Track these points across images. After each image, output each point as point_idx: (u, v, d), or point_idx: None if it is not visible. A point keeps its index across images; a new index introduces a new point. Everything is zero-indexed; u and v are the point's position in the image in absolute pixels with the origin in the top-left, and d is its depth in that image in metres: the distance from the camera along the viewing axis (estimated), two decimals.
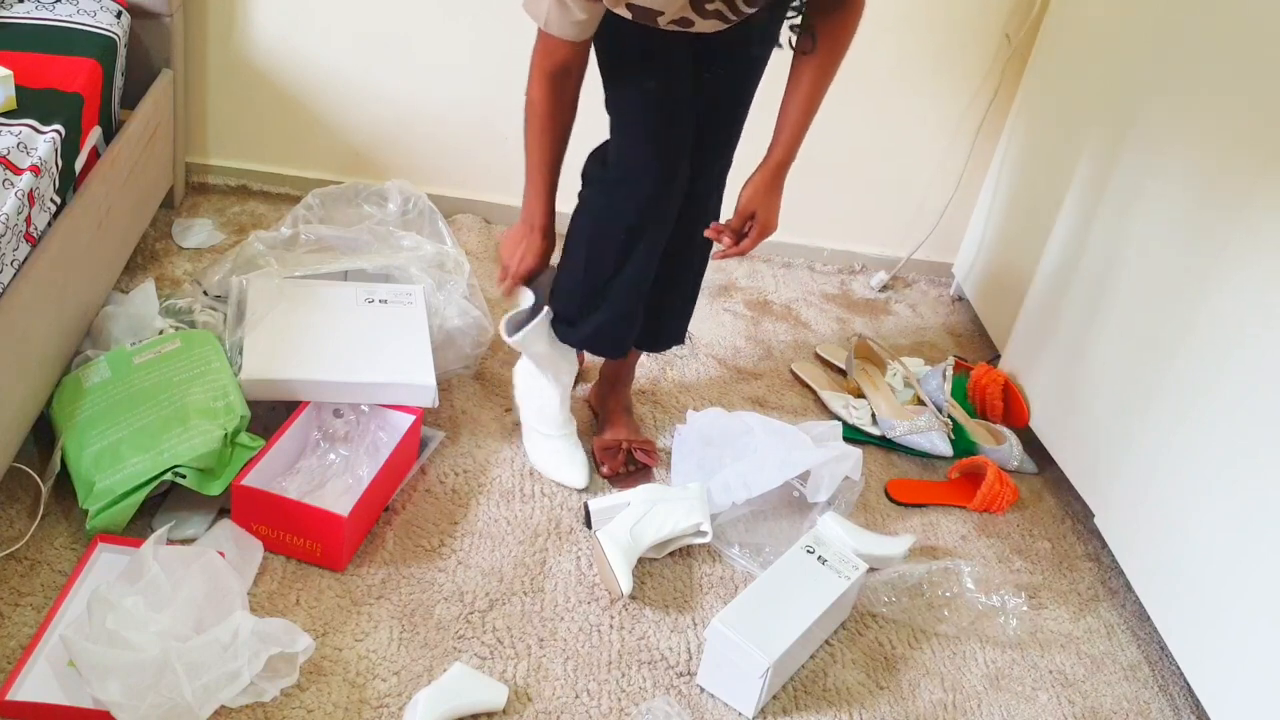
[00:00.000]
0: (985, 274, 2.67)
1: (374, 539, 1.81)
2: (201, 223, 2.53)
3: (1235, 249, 1.73)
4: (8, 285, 1.65)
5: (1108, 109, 2.16)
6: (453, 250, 2.30)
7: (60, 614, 1.55)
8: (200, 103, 2.62)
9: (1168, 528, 1.81)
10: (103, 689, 1.40)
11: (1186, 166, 1.88)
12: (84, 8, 2.18)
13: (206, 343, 1.91)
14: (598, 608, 1.77)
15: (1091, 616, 1.94)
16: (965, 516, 2.11)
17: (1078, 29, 2.39)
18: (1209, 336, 1.77)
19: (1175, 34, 1.98)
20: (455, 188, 2.69)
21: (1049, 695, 1.78)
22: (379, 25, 2.55)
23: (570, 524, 1.91)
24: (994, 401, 2.34)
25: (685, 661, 1.71)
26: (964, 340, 2.70)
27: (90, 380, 1.84)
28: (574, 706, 1.61)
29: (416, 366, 1.96)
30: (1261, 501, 1.61)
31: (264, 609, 1.65)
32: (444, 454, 2.00)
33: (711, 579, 1.86)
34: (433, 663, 1.63)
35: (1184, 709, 1.79)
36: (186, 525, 1.73)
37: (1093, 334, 2.09)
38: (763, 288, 2.74)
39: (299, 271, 2.15)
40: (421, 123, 2.66)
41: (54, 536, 1.70)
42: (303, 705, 1.53)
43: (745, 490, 1.92)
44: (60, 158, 1.83)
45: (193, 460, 1.70)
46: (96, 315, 2.02)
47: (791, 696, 1.69)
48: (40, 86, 1.91)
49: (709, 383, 2.34)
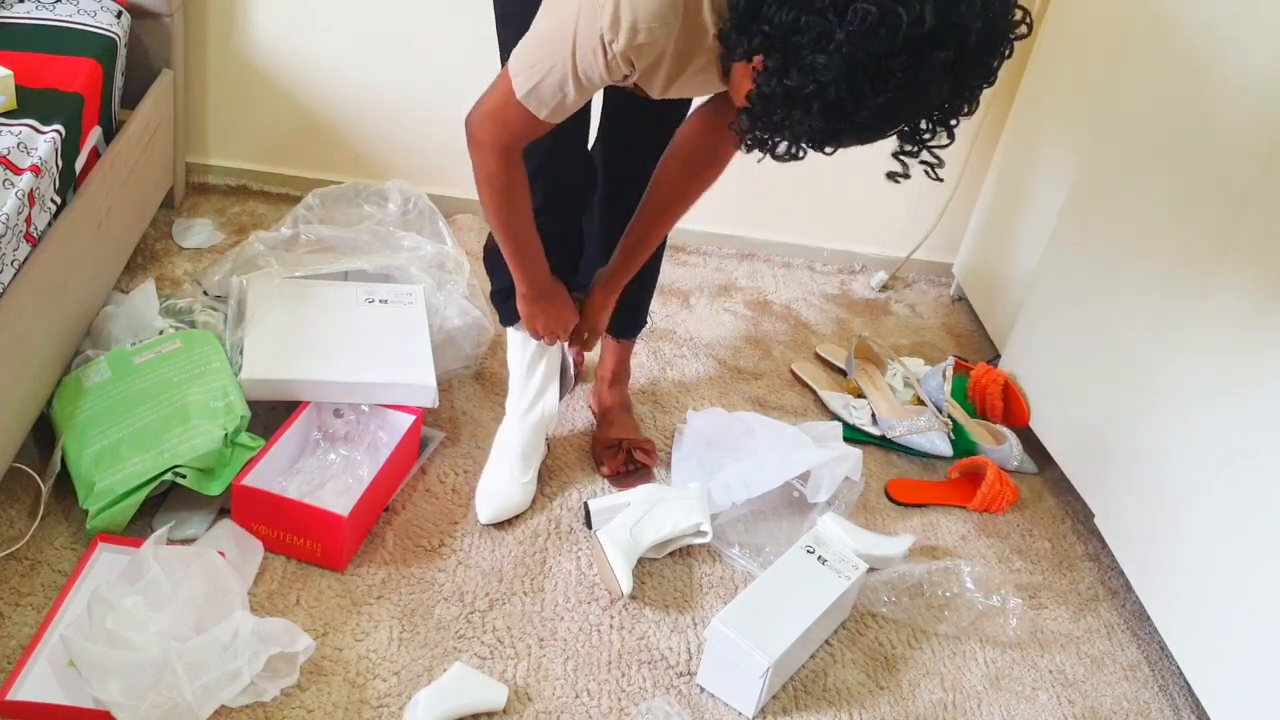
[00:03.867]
0: (985, 274, 2.67)
1: (374, 539, 1.81)
2: (201, 223, 2.53)
3: (1236, 247, 1.73)
4: (8, 285, 1.65)
5: (1107, 109, 2.16)
6: (453, 250, 2.30)
7: (60, 614, 1.55)
8: (200, 103, 2.62)
9: (1168, 528, 1.81)
10: (103, 689, 1.40)
11: (1186, 164, 1.88)
12: (84, 8, 2.18)
13: (207, 343, 1.91)
14: (598, 608, 1.77)
15: (1091, 616, 1.94)
16: (965, 516, 2.11)
17: (1078, 29, 2.39)
18: (1209, 335, 1.77)
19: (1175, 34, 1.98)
20: (455, 188, 2.69)
21: (1049, 695, 1.78)
22: (379, 25, 2.55)
23: (570, 524, 1.91)
24: (994, 401, 2.34)
25: (685, 661, 1.71)
26: (964, 340, 2.70)
27: (90, 380, 1.84)
28: (574, 706, 1.61)
29: (416, 366, 1.96)
30: (1261, 501, 1.61)
31: (264, 609, 1.65)
32: (444, 454, 2.00)
33: (711, 579, 1.86)
34: (433, 663, 1.63)
35: (1184, 709, 1.79)
36: (186, 525, 1.73)
37: (1092, 334, 2.09)
38: (763, 288, 2.74)
39: (299, 271, 2.15)
40: (421, 123, 2.66)
41: (54, 536, 1.70)
42: (303, 705, 1.53)
43: (745, 490, 1.92)
44: (60, 158, 1.83)
45: (193, 460, 1.70)
46: (96, 315, 2.03)
47: (791, 696, 1.69)
48: (40, 86, 1.91)
49: (709, 383, 2.34)
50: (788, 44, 1.16)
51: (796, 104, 1.18)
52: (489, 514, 1.87)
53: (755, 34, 1.20)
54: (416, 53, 2.58)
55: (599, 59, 1.38)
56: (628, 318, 2.07)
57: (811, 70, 1.14)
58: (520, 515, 1.91)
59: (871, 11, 1.09)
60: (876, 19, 1.09)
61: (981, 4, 1.13)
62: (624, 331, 2.10)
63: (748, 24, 1.21)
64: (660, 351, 2.41)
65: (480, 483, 1.93)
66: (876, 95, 1.14)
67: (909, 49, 1.11)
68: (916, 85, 1.14)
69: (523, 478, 1.92)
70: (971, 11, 1.12)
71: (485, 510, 1.87)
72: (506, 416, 1.98)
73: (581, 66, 1.40)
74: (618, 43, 1.35)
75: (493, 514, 1.87)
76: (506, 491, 1.90)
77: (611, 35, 1.35)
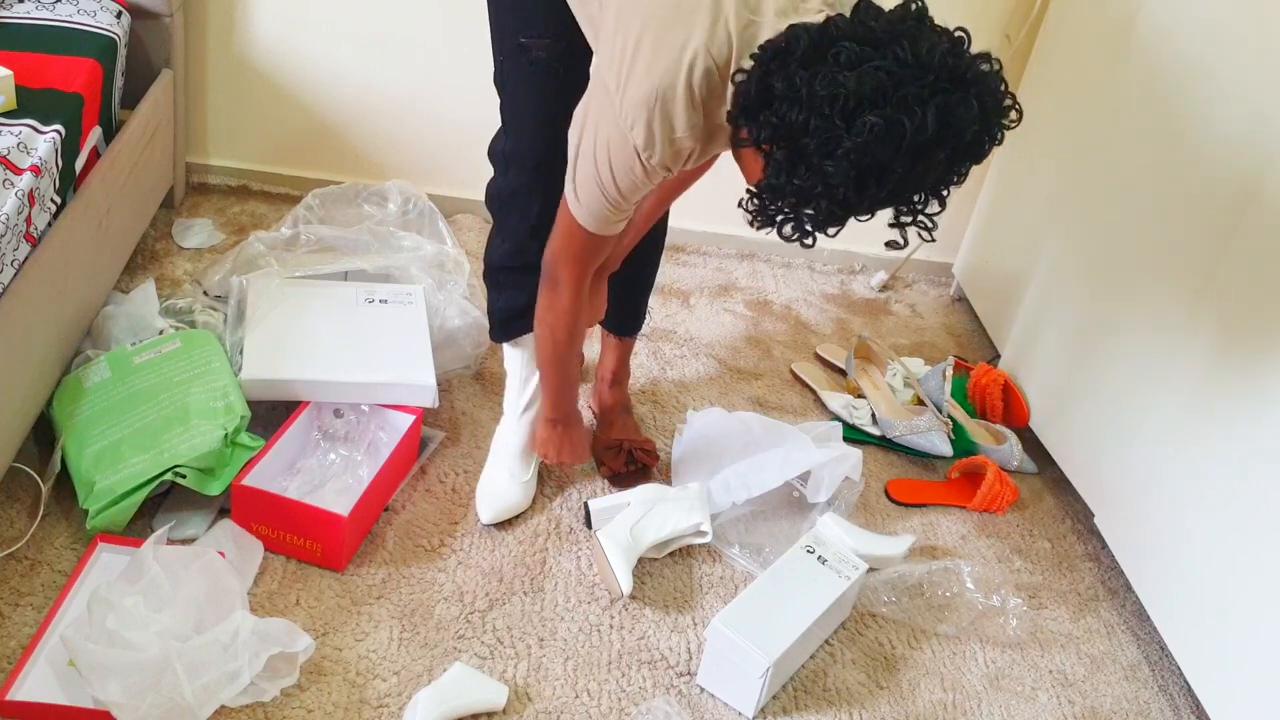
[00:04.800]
0: (985, 274, 2.68)
1: (374, 539, 1.81)
2: (201, 223, 2.53)
3: (1236, 246, 1.73)
4: (8, 285, 1.65)
5: (1107, 108, 2.16)
6: (453, 250, 2.30)
7: (60, 614, 1.55)
8: (200, 103, 2.62)
9: (1168, 528, 1.81)
10: (103, 689, 1.40)
11: (1187, 163, 1.88)
12: (84, 8, 2.18)
13: (207, 343, 1.91)
14: (598, 608, 1.77)
15: (1091, 616, 1.94)
16: (965, 516, 2.11)
17: (1078, 29, 2.39)
18: (1209, 335, 1.77)
19: (1172, 37, 1.98)
20: (455, 188, 2.69)
21: (1049, 695, 1.78)
22: (379, 25, 2.55)
23: (570, 524, 1.91)
24: (994, 401, 2.34)
25: (685, 661, 1.71)
26: (964, 340, 2.70)
27: (90, 380, 1.84)
28: (574, 706, 1.61)
29: (416, 366, 1.96)
30: (1262, 501, 1.61)
31: (264, 609, 1.65)
32: (444, 454, 2.00)
33: (711, 579, 1.86)
34: (433, 663, 1.63)
35: (1184, 709, 1.80)
36: (186, 525, 1.73)
37: (1092, 334, 2.09)
38: (763, 288, 2.74)
39: (299, 272, 2.15)
40: (421, 123, 2.66)
41: (54, 536, 1.70)
42: (303, 705, 1.53)
43: (745, 490, 1.92)
44: (60, 158, 1.83)
45: (193, 460, 1.70)
46: (96, 315, 2.03)
47: (791, 696, 1.69)
48: (40, 86, 1.91)
49: (709, 383, 2.34)
50: (796, 143, 1.22)
51: (804, 199, 1.25)
52: (490, 514, 1.87)
53: (765, 125, 1.25)
54: (416, 53, 2.58)
55: (638, 173, 1.44)
56: (627, 316, 2.07)
57: (820, 173, 1.21)
58: (520, 515, 1.91)
59: (879, 124, 1.16)
60: (883, 129, 1.16)
61: (978, 106, 1.19)
62: (624, 330, 2.10)
63: (757, 114, 1.26)
64: (660, 351, 2.41)
65: (480, 483, 1.93)
66: (879, 191, 1.21)
67: (910, 152, 1.18)
68: (914, 176, 1.22)
69: (523, 477, 1.92)
70: (969, 115, 1.19)
71: (486, 510, 1.87)
72: (505, 416, 1.98)
73: (625, 185, 1.47)
74: (655, 158, 1.42)
75: (493, 514, 1.87)
76: (507, 491, 1.90)
77: (648, 153, 1.41)
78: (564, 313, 1.65)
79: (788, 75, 1.22)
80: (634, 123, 1.38)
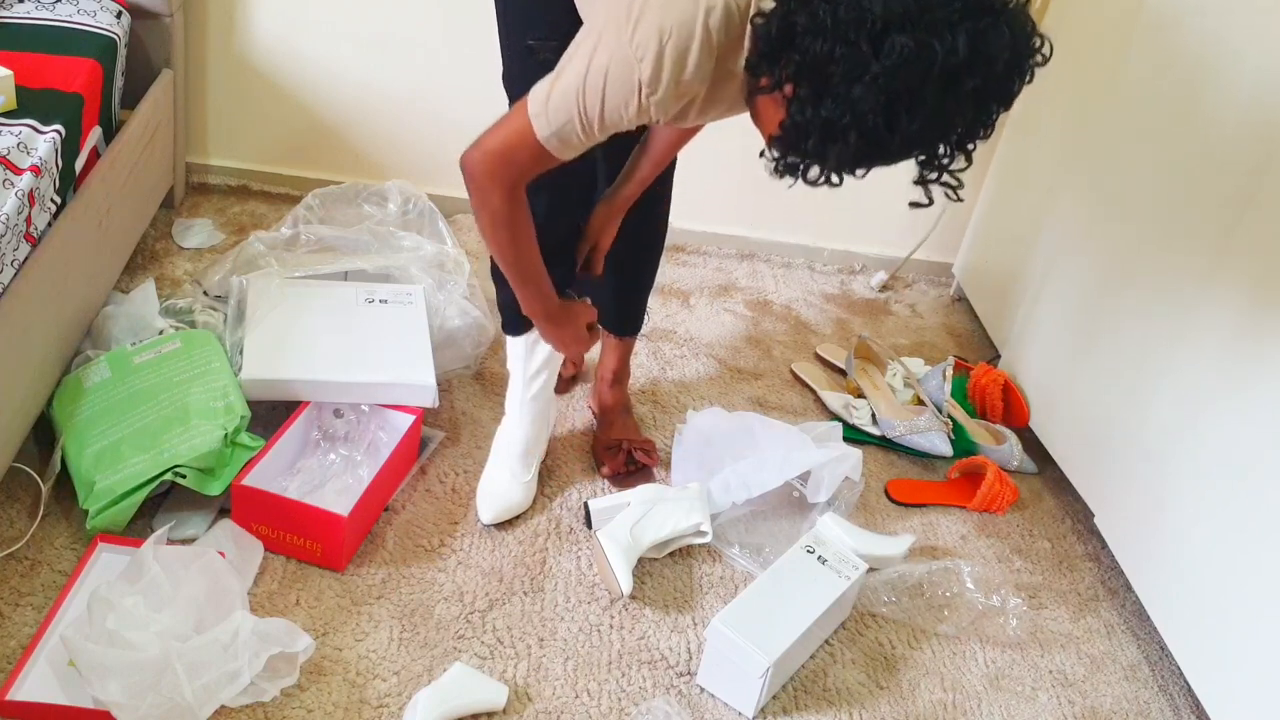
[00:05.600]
0: (985, 274, 2.67)
1: (374, 539, 1.81)
2: (201, 223, 2.53)
3: (1235, 247, 1.73)
4: (8, 285, 1.65)
5: (1107, 108, 2.16)
6: (453, 250, 2.30)
7: (60, 614, 1.55)
8: (200, 103, 2.62)
9: (1168, 528, 1.81)
10: (103, 689, 1.40)
11: (1187, 163, 1.88)
12: (84, 8, 2.18)
13: (207, 343, 1.91)
14: (598, 608, 1.77)
15: (1091, 616, 1.94)
16: (965, 516, 2.11)
17: (1078, 29, 2.39)
18: (1209, 335, 1.77)
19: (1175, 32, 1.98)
20: (455, 188, 2.67)
21: (1049, 695, 1.78)
22: (379, 25, 2.55)
23: (570, 524, 1.91)
24: (994, 401, 2.34)
25: (685, 661, 1.71)
26: (964, 340, 2.70)
27: (90, 380, 1.84)
28: (574, 706, 1.61)
29: (416, 366, 1.96)
30: (1262, 501, 1.61)
31: (264, 609, 1.65)
32: (444, 454, 2.00)
33: (711, 579, 1.86)
34: (433, 663, 1.63)
35: (1184, 709, 1.79)
36: (186, 525, 1.73)
37: (1092, 334, 2.09)
38: (763, 288, 2.74)
39: (299, 272, 2.15)
40: (421, 123, 2.66)
41: (54, 536, 1.70)
42: (303, 705, 1.53)
43: (745, 490, 1.92)
44: (60, 158, 1.83)
45: (193, 460, 1.70)
46: (96, 315, 2.03)
47: (791, 696, 1.69)
48: (40, 86, 1.91)
49: (709, 383, 2.34)
50: (821, 74, 1.18)
51: (832, 133, 1.19)
52: (490, 514, 1.87)
53: (788, 63, 1.21)
54: (417, 53, 2.58)
55: (631, 108, 1.39)
56: (627, 316, 2.07)
57: (848, 101, 1.16)
58: (520, 515, 1.91)
59: (908, 45, 1.12)
60: (913, 52, 1.12)
61: (1010, 34, 1.16)
62: (624, 329, 2.10)
63: (780, 52, 1.22)
64: (660, 351, 2.41)
65: (480, 483, 1.93)
66: (910, 124, 1.17)
67: (942, 79, 1.14)
68: (945, 112, 1.17)
69: (523, 477, 1.92)
70: (1001, 42, 1.15)
71: (486, 510, 1.87)
72: (506, 415, 1.98)
73: (610, 116, 1.40)
74: (656, 95, 1.36)
75: (494, 514, 1.87)
76: (507, 491, 1.90)
77: (651, 89, 1.36)
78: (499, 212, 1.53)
79: (810, 9, 1.18)
80: (645, 54, 1.34)
